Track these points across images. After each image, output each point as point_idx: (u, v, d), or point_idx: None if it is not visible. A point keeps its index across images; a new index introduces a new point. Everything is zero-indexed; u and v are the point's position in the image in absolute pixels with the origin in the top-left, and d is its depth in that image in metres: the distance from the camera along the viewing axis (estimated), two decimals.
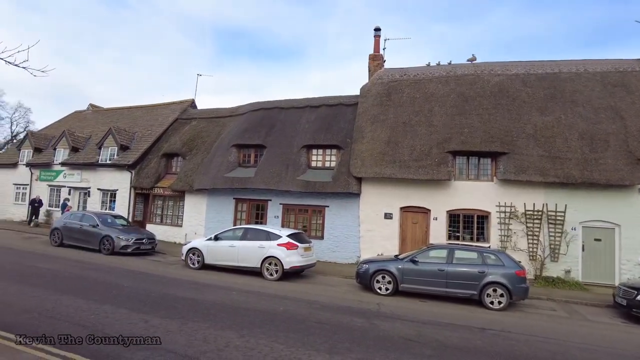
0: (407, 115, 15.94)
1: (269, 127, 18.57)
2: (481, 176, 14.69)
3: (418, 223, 15.11)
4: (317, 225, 16.55)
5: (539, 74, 15.91)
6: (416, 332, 7.05)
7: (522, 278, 9.76)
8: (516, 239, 13.90)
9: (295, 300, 9.09)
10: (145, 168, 20.73)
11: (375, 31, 19.46)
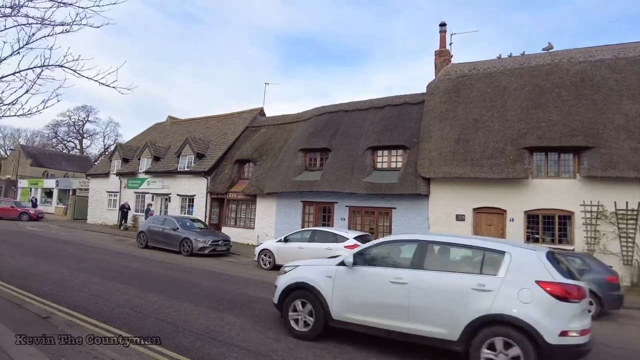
0: (478, 111, 15.21)
1: (334, 131, 18.75)
2: (562, 173, 13.56)
3: (493, 225, 14.33)
4: (384, 227, 16.37)
5: (630, 57, 14.30)
6: None
7: (614, 285, 8.85)
8: (606, 242, 12.62)
9: None
10: (220, 174, 21.93)
11: (441, 26, 18.87)
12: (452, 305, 4.98)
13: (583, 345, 4.63)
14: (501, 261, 5.01)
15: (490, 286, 4.83)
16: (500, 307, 4.69)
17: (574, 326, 4.58)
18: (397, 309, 5.33)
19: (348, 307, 5.75)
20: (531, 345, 4.50)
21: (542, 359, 4.50)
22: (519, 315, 4.58)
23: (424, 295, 5.19)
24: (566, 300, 4.60)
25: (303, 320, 6.10)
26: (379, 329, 5.52)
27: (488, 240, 5.60)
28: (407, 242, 5.89)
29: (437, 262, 5.51)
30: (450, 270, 5.32)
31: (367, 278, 5.70)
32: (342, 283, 5.85)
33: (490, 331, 4.73)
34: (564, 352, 4.53)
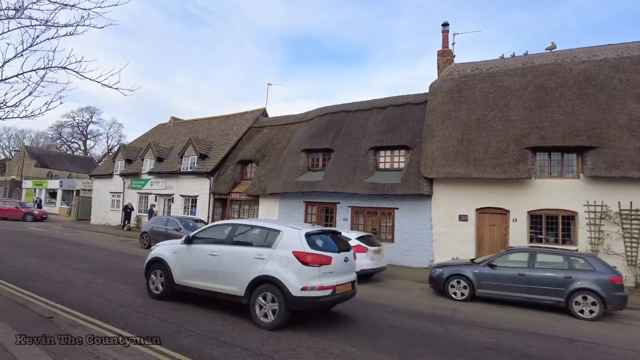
0: (481, 111, 15.17)
1: (336, 131, 18.75)
2: (565, 173, 13.51)
3: (496, 225, 14.27)
4: (386, 228, 16.35)
5: (634, 56, 14.22)
6: (494, 340, 6.68)
7: (618, 285, 8.79)
8: (610, 242, 12.56)
9: (366, 303, 9.05)
10: (223, 175, 21.98)
11: (443, 26, 18.85)
12: (242, 270, 6.79)
13: (320, 297, 6.47)
14: (277, 237, 6.80)
15: (265, 255, 6.70)
16: (268, 269, 6.54)
17: (313, 283, 6.35)
18: (211, 274, 7.16)
19: (184, 274, 7.57)
20: (283, 296, 6.32)
21: (289, 306, 6.32)
22: (276, 275, 6.44)
23: (226, 263, 7.03)
24: (307, 265, 6.38)
25: (157, 285, 7.95)
26: (202, 290, 7.32)
27: (274, 222, 7.52)
28: (225, 226, 7.76)
29: (240, 239, 7.28)
30: (246, 244, 7.12)
31: (195, 252, 7.51)
32: (181, 257, 7.68)
33: (262, 287, 6.58)
34: (304, 301, 6.35)
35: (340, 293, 6.76)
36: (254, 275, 6.61)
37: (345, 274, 6.99)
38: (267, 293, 6.50)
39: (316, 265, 6.43)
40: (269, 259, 6.60)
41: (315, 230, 7.17)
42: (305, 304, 6.38)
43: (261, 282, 6.57)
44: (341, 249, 7.11)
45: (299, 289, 6.26)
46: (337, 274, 6.74)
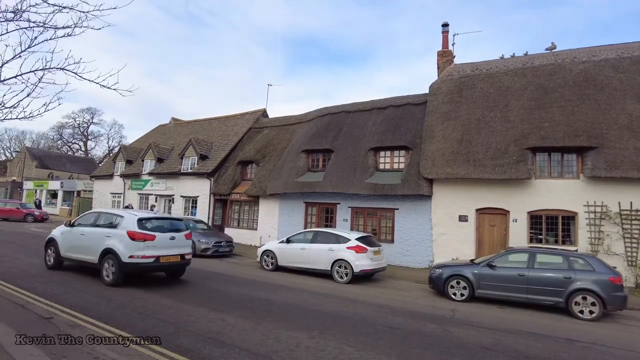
0: (481, 112, 15.17)
1: (336, 132, 18.76)
2: (565, 173, 13.49)
3: (496, 225, 14.26)
4: (386, 228, 16.35)
5: (634, 57, 14.21)
6: (493, 341, 6.67)
7: (618, 285, 8.78)
8: (610, 242, 12.54)
9: (366, 303, 9.06)
10: (223, 175, 21.99)
11: (443, 27, 18.84)
12: (97, 244, 9.37)
13: (144, 263, 9.03)
14: (120, 221, 9.44)
15: (111, 234, 9.26)
16: (110, 243, 9.12)
17: (138, 253, 8.94)
18: (81, 248, 9.82)
19: (66, 249, 10.18)
20: (117, 262, 8.88)
21: (121, 269, 8.84)
22: (114, 247, 9.02)
23: (88, 239, 9.70)
24: (134, 240, 8.96)
25: (50, 258, 10.54)
26: (76, 260, 9.99)
27: (125, 211, 10.16)
28: (93, 214, 10.50)
29: (99, 222, 9.93)
30: (102, 226, 9.73)
31: (73, 233, 10.17)
32: (65, 236, 10.34)
33: (107, 256, 9.11)
34: (131, 266, 8.93)
35: (166, 262, 9.37)
36: (102, 247, 9.17)
37: (171, 248, 9.51)
38: (109, 260, 9.01)
39: (141, 241, 8.98)
40: (113, 237, 9.16)
41: (148, 216, 9.75)
42: (132, 268, 8.94)
43: (107, 252, 9.08)
44: (171, 230, 9.69)
45: (127, 257, 8.82)
46: (161, 248, 9.29)
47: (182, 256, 9.74)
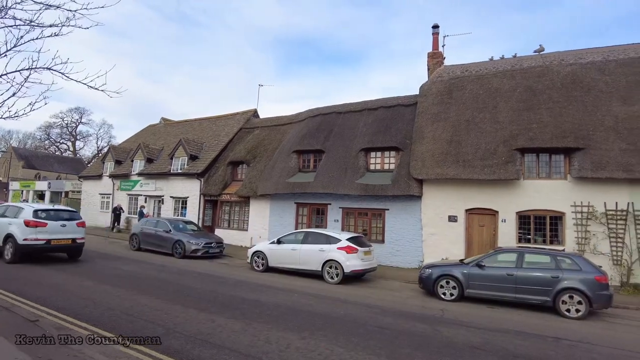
0: (470, 113, 15.29)
1: (327, 132, 18.78)
2: (553, 174, 13.67)
3: (485, 226, 14.40)
4: (377, 228, 16.41)
5: (620, 59, 14.47)
6: (482, 340, 6.73)
7: (603, 284, 8.92)
8: (596, 242, 12.73)
9: (356, 304, 9.08)
10: (213, 176, 21.87)
11: (434, 28, 18.97)
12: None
13: (36, 244, 11.57)
14: (20, 212, 11.91)
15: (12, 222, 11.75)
16: (11, 230, 11.60)
17: (31, 237, 11.49)
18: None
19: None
20: (15, 244, 11.43)
21: (18, 249, 11.43)
22: (13, 232, 11.54)
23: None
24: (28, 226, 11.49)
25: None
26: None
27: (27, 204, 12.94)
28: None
29: (6, 214, 12.30)
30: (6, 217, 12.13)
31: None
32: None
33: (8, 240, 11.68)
34: (26, 247, 11.45)
35: (57, 244, 11.99)
36: (4, 233, 11.69)
37: (63, 233, 12.07)
38: (9, 242, 11.55)
39: (33, 227, 11.51)
40: (12, 224, 11.65)
41: (44, 208, 12.31)
42: (27, 248, 11.44)
43: (8, 237, 11.61)
44: (64, 219, 12.26)
45: (22, 240, 11.39)
46: (53, 233, 11.85)
47: (73, 240, 12.25)
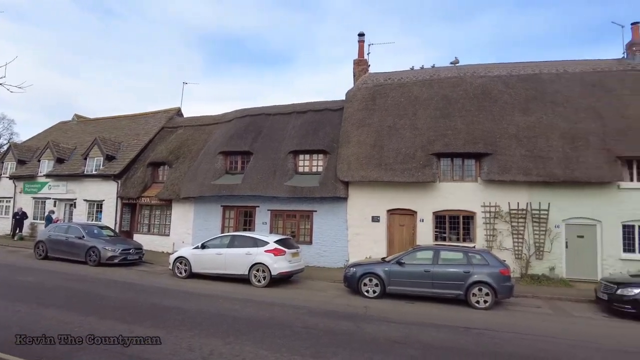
0: (392, 119, 16.09)
1: (256, 134, 18.60)
2: (465, 177, 14.87)
3: (405, 225, 15.22)
4: (305, 230, 16.58)
5: (521, 75, 16.21)
6: (402, 334, 7.11)
7: (506, 277, 9.89)
8: (501, 238, 14.08)
9: (283, 306, 9.09)
10: (132, 177, 20.56)
11: (360, 36, 19.65)
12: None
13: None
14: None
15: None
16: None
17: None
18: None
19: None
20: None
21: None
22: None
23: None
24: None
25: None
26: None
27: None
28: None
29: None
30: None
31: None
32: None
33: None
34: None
35: None
36: None
37: None
38: None
39: None
40: None
41: None
42: None
43: None
44: None
45: None
46: None
47: None
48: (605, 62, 16.22)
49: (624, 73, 15.52)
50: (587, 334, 7.91)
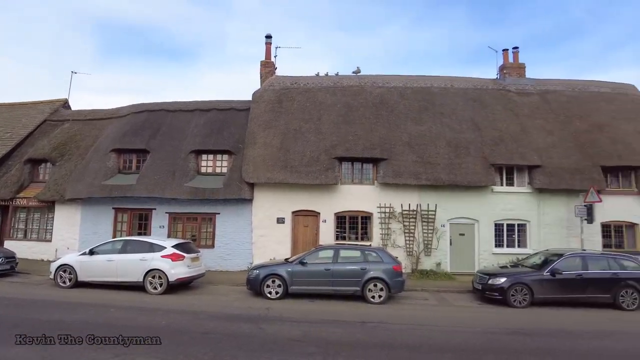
0: (298, 123, 16.42)
1: (154, 131, 17.53)
2: (364, 180, 15.79)
3: (309, 226, 15.62)
4: (207, 233, 16.06)
5: (414, 87, 17.74)
6: (302, 332, 7.31)
7: (398, 272, 10.72)
8: (395, 237, 15.22)
9: (181, 312, 8.73)
10: (4, 176, 17.92)
11: (267, 38, 19.67)
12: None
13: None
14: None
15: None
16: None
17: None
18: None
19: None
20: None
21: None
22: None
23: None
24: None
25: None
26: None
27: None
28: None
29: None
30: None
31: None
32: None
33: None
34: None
35: None
36: None
37: None
38: None
39: None
40: None
41: None
42: None
43: None
44: None
45: None
46: None
47: None
48: (483, 81, 18.51)
49: (497, 92, 17.92)
50: (463, 320, 8.96)
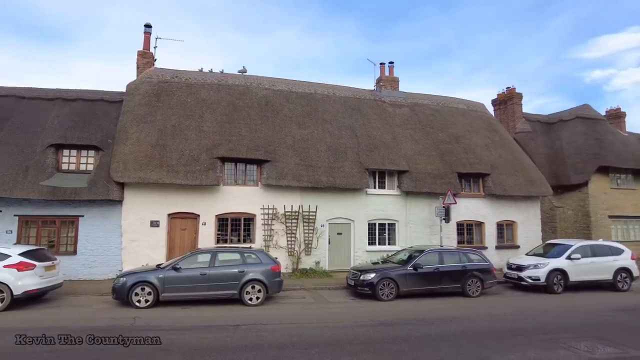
0: (177, 119, 15.56)
1: (2, 120, 14.99)
2: (248, 181, 15.66)
3: (187, 229, 14.89)
4: (68, 238, 14.22)
5: (299, 92, 18.19)
6: (169, 340, 6.92)
7: (276, 273, 10.86)
8: (278, 238, 15.39)
9: (26, 330, 7.52)
10: None
11: (146, 27, 18.28)
12: None
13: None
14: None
15: None
16: None
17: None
18: None
19: None
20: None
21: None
22: None
23: None
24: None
25: None
26: None
27: None
28: None
29: None
30: None
31: None
32: None
33: None
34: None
35: None
36: None
37: None
38: None
39: None
40: None
41: None
42: None
43: None
44: None
45: None
46: None
47: None
48: (362, 91, 19.82)
49: (374, 102, 19.36)
50: (335, 315, 9.46)
